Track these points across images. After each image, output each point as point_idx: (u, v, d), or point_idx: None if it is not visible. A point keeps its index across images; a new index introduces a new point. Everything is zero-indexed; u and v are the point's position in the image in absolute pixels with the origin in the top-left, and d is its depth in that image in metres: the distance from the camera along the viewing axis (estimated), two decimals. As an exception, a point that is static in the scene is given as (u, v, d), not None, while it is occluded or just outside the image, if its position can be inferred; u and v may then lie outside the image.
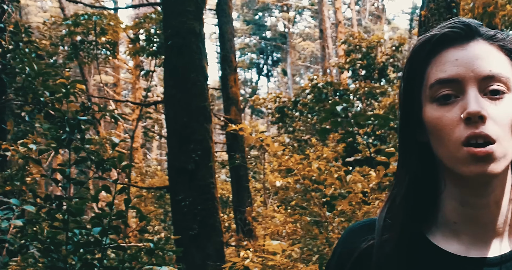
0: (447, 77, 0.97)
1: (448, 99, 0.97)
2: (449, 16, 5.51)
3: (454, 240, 1.03)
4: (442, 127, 0.96)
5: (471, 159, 0.93)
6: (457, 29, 1.01)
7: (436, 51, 1.01)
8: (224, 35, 13.69)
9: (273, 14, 43.14)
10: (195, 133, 7.69)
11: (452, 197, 1.02)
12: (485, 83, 0.96)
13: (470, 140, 0.93)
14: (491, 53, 0.99)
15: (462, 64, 0.97)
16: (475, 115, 0.92)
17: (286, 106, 17.28)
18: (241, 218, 13.56)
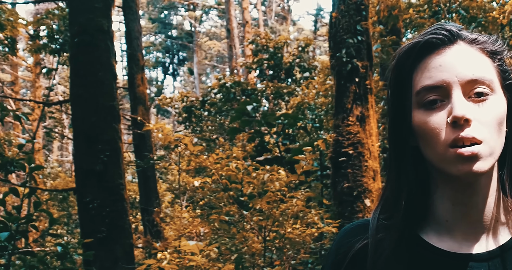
0: (433, 84, 1.01)
1: (434, 104, 1.01)
2: (359, 18, 5.68)
3: (447, 237, 1.07)
4: (430, 130, 1.00)
5: (458, 159, 0.97)
6: (439, 35, 1.04)
7: (421, 58, 1.05)
8: (131, 33, 13.44)
9: (179, 13, 42.85)
10: (103, 133, 7.48)
11: (444, 197, 1.06)
12: (469, 87, 1.00)
13: (457, 143, 0.97)
14: (473, 57, 1.03)
15: (446, 69, 1.01)
16: (461, 118, 0.96)
17: (194, 105, 17.20)
18: (149, 219, 13.36)
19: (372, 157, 5.63)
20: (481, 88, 1.00)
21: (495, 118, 0.99)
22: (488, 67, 1.03)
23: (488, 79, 1.00)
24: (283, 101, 15.26)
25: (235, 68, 23.18)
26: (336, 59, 5.75)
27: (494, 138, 0.99)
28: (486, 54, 1.05)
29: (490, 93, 1.01)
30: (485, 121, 0.98)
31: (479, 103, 0.99)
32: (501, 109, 1.01)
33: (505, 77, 1.06)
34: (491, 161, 0.99)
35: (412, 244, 1.08)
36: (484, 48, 1.05)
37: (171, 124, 37.42)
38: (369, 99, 5.72)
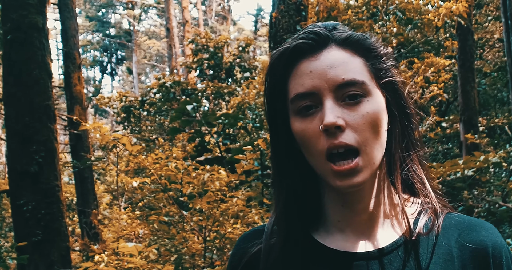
0: (304, 91, 0.99)
1: (309, 110, 1.00)
2: (298, 18, 5.71)
3: (340, 237, 1.07)
4: (306, 139, 0.99)
5: (336, 175, 0.97)
6: (308, 39, 1.02)
7: (293, 64, 1.03)
8: (67, 31, 13.12)
9: (117, 11, 42.18)
10: (38, 133, 7.26)
11: (334, 200, 1.06)
12: (340, 91, 0.98)
13: (331, 151, 0.97)
14: (343, 60, 1.00)
15: (316, 76, 0.99)
16: (331, 126, 0.95)
17: (133, 105, 16.95)
18: (86, 221, 13.08)
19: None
20: (352, 91, 0.98)
21: (369, 122, 0.98)
22: (360, 68, 1.01)
23: (359, 81, 0.99)
24: (223, 101, 15.23)
25: (175, 67, 22.98)
26: (276, 58, 5.77)
27: (370, 144, 0.98)
28: (358, 55, 1.02)
29: (364, 96, 0.99)
30: (359, 125, 0.97)
31: (353, 107, 0.98)
32: (376, 110, 0.99)
33: (381, 76, 1.04)
34: (370, 169, 0.99)
35: (305, 245, 1.07)
36: (356, 48, 1.03)
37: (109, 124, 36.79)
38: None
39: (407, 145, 1.06)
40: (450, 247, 1.02)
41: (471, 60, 10.91)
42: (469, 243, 1.02)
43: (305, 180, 1.08)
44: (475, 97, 10.81)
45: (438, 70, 8.21)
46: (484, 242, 1.02)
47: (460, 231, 1.04)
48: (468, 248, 1.02)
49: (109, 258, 3.40)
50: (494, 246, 1.02)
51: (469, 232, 1.03)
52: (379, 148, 1.00)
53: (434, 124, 8.93)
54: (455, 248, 1.02)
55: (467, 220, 1.06)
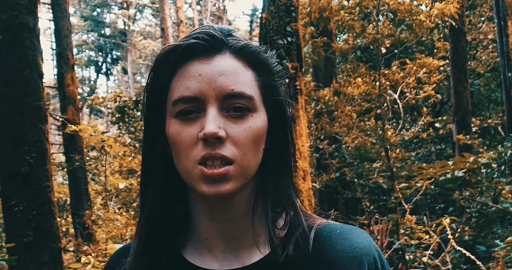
0: (190, 95, 0.94)
1: (189, 114, 0.95)
2: (288, 19, 5.70)
3: (208, 256, 1.03)
4: (181, 142, 0.94)
5: (205, 179, 0.92)
6: (202, 40, 0.97)
7: (181, 63, 0.98)
8: (60, 31, 13.10)
9: (112, 11, 42.11)
10: (29, 134, 7.24)
11: (201, 212, 1.02)
12: (227, 101, 0.94)
13: (206, 161, 0.92)
14: (236, 70, 0.96)
15: (204, 80, 0.94)
16: (212, 136, 0.91)
17: (127, 105, 16.91)
18: (80, 222, 13.07)
19: (302, 157, 5.67)
20: (239, 104, 0.94)
21: (251, 137, 0.95)
22: (250, 82, 0.97)
23: (247, 95, 0.95)
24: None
25: (170, 67, 22.95)
26: (266, 59, 5.76)
27: (247, 158, 0.94)
28: (251, 68, 0.99)
29: (250, 111, 0.96)
30: (240, 140, 0.93)
31: (237, 120, 0.95)
32: (260, 127, 0.96)
33: (269, 93, 1.01)
34: (241, 181, 0.94)
35: (173, 263, 1.04)
36: (250, 60, 0.99)
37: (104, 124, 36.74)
38: (299, 99, 5.75)
39: (283, 167, 1.03)
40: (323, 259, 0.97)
41: (464, 60, 10.94)
42: (343, 253, 0.96)
43: (173, 191, 1.03)
44: (468, 98, 10.83)
45: (430, 71, 8.23)
46: (357, 250, 0.96)
47: (333, 241, 0.98)
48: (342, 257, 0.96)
49: (96, 259, 3.38)
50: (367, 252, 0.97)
51: (342, 241, 0.98)
52: (255, 164, 0.97)
53: (426, 124, 8.95)
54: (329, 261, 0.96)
55: (338, 229, 1.00)
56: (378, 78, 7.45)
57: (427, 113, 8.66)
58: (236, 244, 1.01)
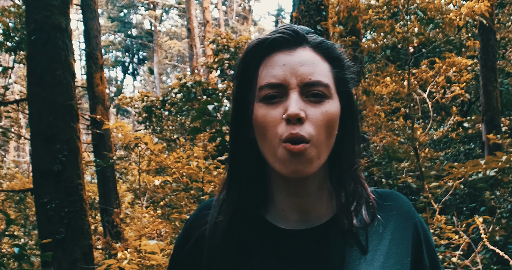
0: (275, 82, 1.08)
1: (273, 99, 1.08)
2: (319, 18, 5.71)
3: (283, 223, 1.17)
4: (266, 123, 1.07)
5: (288, 156, 1.05)
6: (286, 35, 1.11)
7: (267, 54, 1.11)
8: (90, 31, 13.26)
9: (139, 12, 42.44)
10: (61, 132, 7.36)
11: (279, 189, 1.16)
12: (306, 88, 1.07)
13: (288, 139, 1.04)
14: (314, 61, 1.10)
15: (288, 69, 1.08)
16: (294, 117, 1.03)
17: (154, 105, 17.05)
18: (109, 220, 13.20)
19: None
20: (318, 91, 1.08)
21: (326, 120, 1.07)
22: (326, 72, 1.11)
23: (324, 84, 1.09)
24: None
25: (196, 67, 23.08)
26: (296, 58, 5.77)
27: (322, 140, 1.07)
28: (327, 61, 1.12)
29: (326, 97, 1.09)
30: (317, 122, 1.06)
31: (315, 104, 1.08)
32: (333, 113, 1.09)
33: (341, 84, 1.14)
34: (317, 163, 1.08)
35: (255, 224, 1.18)
36: (326, 54, 1.13)
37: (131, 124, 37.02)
38: (329, 98, 5.76)
39: (350, 152, 1.16)
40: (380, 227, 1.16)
41: (493, 59, 10.81)
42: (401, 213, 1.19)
43: (256, 167, 1.17)
44: (498, 97, 10.71)
45: (460, 70, 8.16)
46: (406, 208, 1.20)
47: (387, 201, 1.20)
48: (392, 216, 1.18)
49: (132, 255, 3.44)
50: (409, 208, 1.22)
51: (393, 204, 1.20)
52: (327, 147, 1.10)
53: (455, 124, 8.87)
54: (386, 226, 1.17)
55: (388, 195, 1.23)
56: (408, 77, 7.41)
57: (456, 112, 8.58)
58: (308, 216, 1.16)
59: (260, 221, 1.19)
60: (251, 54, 1.13)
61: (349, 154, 1.15)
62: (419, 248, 1.19)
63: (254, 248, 1.16)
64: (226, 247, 1.17)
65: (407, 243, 1.17)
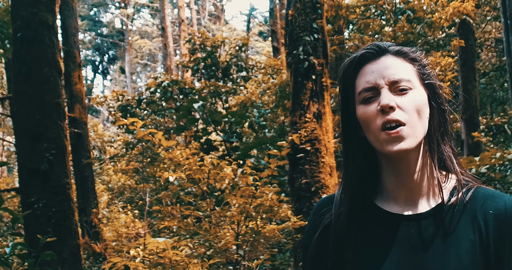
0: (369, 86, 1.34)
1: (370, 99, 1.34)
2: (315, 16, 5.73)
3: (393, 203, 1.40)
4: (367, 118, 1.33)
5: (388, 140, 1.29)
6: (370, 50, 1.39)
7: (359, 67, 1.39)
8: (68, 29, 13.08)
9: (109, 10, 42.00)
10: (49, 131, 7.24)
11: (388, 171, 1.39)
12: (393, 85, 1.33)
13: (385, 125, 1.29)
14: (396, 64, 1.36)
15: (376, 74, 1.34)
16: (386, 106, 1.29)
17: (130, 104, 16.92)
18: (87, 220, 13.04)
19: (329, 153, 5.71)
20: (402, 85, 1.33)
21: (414, 106, 1.32)
22: (408, 70, 1.37)
23: (406, 79, 1.34)
24: (220, 100, 15.22)
25: (170, 67, 22.95)
26: (292, 56, 5.79)
27: (414, 121, 1.31)
28: (407, 61, 1.39)
29: (410, 89, 1.34)
30: (406, 108, 1.31)
31: (402, 95, 1.32)
32: (419, 100, 1.34)
33: (424, 78, 1.39)
34: (414, 140, 1.31)
35: (368, 209, 1.42)
36: (406, 57, 1.39)
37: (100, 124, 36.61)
38: (325, 96, 5.80)
39: (442, 132, 1.38)
40: (475, 213, 1.33)
41: (472, 59, 11.01)
42: (491, 210, 1.33)
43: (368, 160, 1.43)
44: (477, 96, 10.90)
45: (445, 69, 8.28)
46: (502, 209, 1.32)
47: (483, 200, 1.34)
48: (489, 214, 1.32)
49: (144, 252, 3.40)
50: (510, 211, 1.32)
51: (491, 202, 1.34)
52: (421, 128, 1.32)
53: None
54: (479, 214, 1.33)
55: (491, 192, 1.37)
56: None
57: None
58: (413, 194, 1.38)
59: (372, 206, 1.43)
60: (347, 69, 1.41)
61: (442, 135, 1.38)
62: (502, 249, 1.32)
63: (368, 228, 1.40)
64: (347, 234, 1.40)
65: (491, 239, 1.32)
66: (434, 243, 1.33)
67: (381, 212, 1.40)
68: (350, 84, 1.40)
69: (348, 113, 1.42)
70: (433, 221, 1.35)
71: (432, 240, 1.34)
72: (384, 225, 1.39)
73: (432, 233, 1.34)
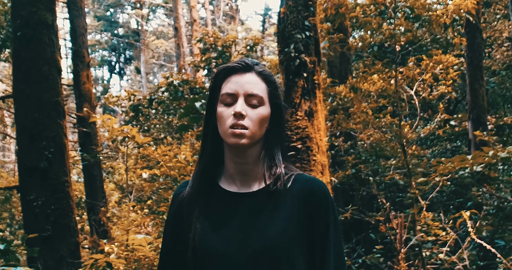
0: (230, 92, 1.71)
1: (229, 104, 1.71)
2: (307, 14, 5.69)
3: (233, 184, 1.80)
4: (223, 117, 1.71)
5: (233, 135, 1.67)
6: (240, 65, 1.75)
7: (228, 75, 1.76)
8: (76, 29, 13.18)
9: (125, 11, 42.24)
10: (47, 129, 7.30)
11: (229, 158, 1.79)
12: (248, 98, 1.71)
13: (234, 126, 1.67)
14: (256, 82, 1.74)
15: (238, 85, 1.72)
16: (238, 113, 1.67)
17: (141, 104, 16.96)
18: (95, 219, 13.12)
19: (320, 151, 5.66)
20: (255, 100, 1.71)
21: (258, 118, 1.71)
22: (263, 89, 1.75)
23: (260, 96, 1.72)
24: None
25: (183, 66, 23.01)
26: (284, 54, 5.76)
27: (255, 128, 1.70)
28: (264, 81, 1.76)
29: (260, 105, 1.72)
30: (252, 118, 1.70)
31: (253, 108, 1.71)
32: (263, 114, 1.72)
33: (272, 97, 1.76)
34: (250, 140, 1.70)
35: (212, 188, 1.81)
36: (264, 78, 1.76)
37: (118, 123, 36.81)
38: (317, 94, 5.75)
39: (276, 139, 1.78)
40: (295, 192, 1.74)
41: (480, 58, 10.86)
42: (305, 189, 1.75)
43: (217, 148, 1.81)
44: (484, 95, 10.76)
45: (447, 67, 8.18)
46: (313, 188, 1.76)
47: (301, 183, 1.76)
48: (303, 191, 1.74)
49: (119, 249, 3.41)
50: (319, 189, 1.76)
51: (305, 183, 1.76)
52: (259, 133, 1.72)
53: (442, 121, 8.89)
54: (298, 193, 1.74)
55: (308, 177, 1.80)
56: (395, 74, 7.43)
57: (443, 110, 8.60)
58: (249, 178, 1.78)
59: (216, 186, 1.82)
60: (219, 75, 1.77)
61: (275, 140, 1.78)
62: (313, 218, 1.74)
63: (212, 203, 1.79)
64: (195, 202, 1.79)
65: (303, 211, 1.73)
66: (262, 214, 1.72)
67: (222, 191, 1.79)
68: (217, 86, 1.77)
69: (211, 107, 1.78)
70: (261, 198, 1.74)
71: (261, 211, 1.73)
72: (224, 200, 1.77)
73: (260, 207, 1.73)
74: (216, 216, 1.76)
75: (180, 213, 1.82)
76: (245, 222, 1.73)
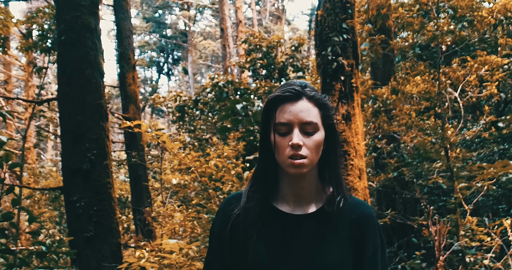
0: (284, 122, 1.72)
1: (284, 132, 1.73)
2: (344, 16, 5.63)
3: (285, 204, 1.84)
4: (280, 147, 1.73)
5: (292, 166, 1.71)
6: (291, 93, 1.74)
7: (280, 104, 1.75)
8: (122, 31, 13.38)
9: (173, 12, 42.72)
10: (90, 131, 7.44)
11: (285, 182, 1.83)
12: (303, 126, 1.72)
13: (292, 157, 1.70)
14: (309, 108, 1.74)
15: (292, 114, 1.72)
16: (296, 144, 1.69)
17: (187, 105, 17.12)
18: (140, 218, 13.30)
19: (358, 155, 5.59)
20: (310, 127, 1.73)
21: (315, 145, 1.74)
22: (316, 115, 1.76)
23: (314, 123, 1.74)
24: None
25: (229, 67, 23.13)
26: (321, 57, 5.70)
27: (313, 155, 1.74)
28: (317, 107, 1.77)
29: (315, 131, 1.75)
30: (309, 146, 1.73)
31: (308, 136, 1.73)
32: (319, 139, 1.74)
33: (325, 120, 1.78)
34: (310, 167, 1.74)
35: (267, 209, 1.83)
36: (316, 102, 1.77)
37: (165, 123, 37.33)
38: (355, 97, 5.68)
39: (333, 159, 1.82)
40: (346, 216, 1.80)
41: (530, 58, 10.55)
42: (355, 213, 1.83)
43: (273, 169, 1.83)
44: (534, 96, 10.44)
45: (493, 69, 7.97)
46: (364, 212, 1.84)
47: (351, 207, 1.82)
48: (354, 215, 1.82)
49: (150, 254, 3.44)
50: (369, 215, 1.84)
51: (356, 207, 1.84)
52: (317, 158, 1.76)
53: (488, 124, 8.66)
54: (349, 216, 1.80)
55: (357, 200, 1.88)
56: (438, 76, 7.27)
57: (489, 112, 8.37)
58: (303, 200, 1.83)
59: (271, 207, 1.84)
60: (270, 104, 1.77)
61: (331, 160, 1.82)
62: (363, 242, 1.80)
63: (271, 225, 1.80)
64: (254, 224, 1.79)
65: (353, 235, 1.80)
66: (320, 237, 1.77)
67: (279, 212, 1.82)
68: (270, 115, 1.76)
69: (266, 137, 1.80)
70: (318, 220, 1.80)
71: (319, 234, 1.78)
72: (283, 222, 1.80)
73: (318, 229, 1.78)
74: (276, 238, 1.79)
75: (235, 233, 1.83)
76: (305, 245, 1.77)
